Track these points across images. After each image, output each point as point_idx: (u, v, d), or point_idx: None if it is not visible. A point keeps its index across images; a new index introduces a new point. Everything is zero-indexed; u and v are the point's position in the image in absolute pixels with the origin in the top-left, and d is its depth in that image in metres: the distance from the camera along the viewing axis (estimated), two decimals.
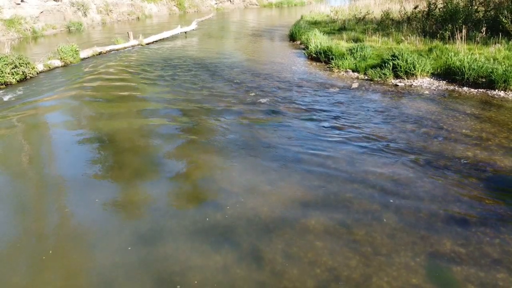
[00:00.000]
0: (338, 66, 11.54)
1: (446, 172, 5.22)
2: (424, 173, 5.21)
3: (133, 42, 16.54)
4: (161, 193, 5.06)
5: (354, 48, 11.97)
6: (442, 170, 5.28)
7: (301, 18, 24.87)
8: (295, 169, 5.43)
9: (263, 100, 8.67)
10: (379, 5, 25.50)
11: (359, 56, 11.72)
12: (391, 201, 4.59)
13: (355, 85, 9.78)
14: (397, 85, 9.74)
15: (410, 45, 13.12)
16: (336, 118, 7.45)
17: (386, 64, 10.41)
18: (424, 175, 5.15)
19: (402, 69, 10.14)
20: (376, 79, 10.29)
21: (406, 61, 10.23)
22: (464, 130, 6.62)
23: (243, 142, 6.49)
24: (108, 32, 22.84)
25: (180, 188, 5.18)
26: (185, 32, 20.60)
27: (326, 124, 7.17)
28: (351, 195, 4.74)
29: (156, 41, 17.96)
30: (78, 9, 26.48)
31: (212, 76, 11.29)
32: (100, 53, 14.65)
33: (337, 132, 6.76)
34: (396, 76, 10.26)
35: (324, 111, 7.88)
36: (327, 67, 11.99)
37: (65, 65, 12.83)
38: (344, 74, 11.15)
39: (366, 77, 10.62)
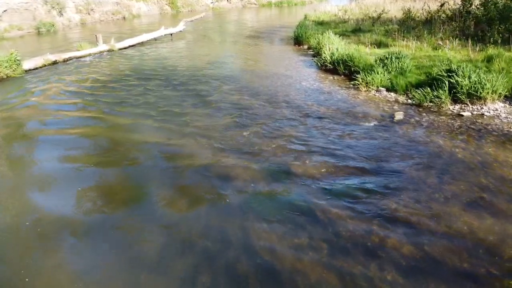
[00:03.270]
0: (366, 83, 8.37)
1: None
2: None
3: (102, 47, 13.35)
4: None
5: (386, 57, 8.79)
6: None
7: (305, 18, 21.78)
8: None
9: (263, 146, 5.50)
10: (390, 3, 22.59)
11: (394, 69, 8.55)
12: None
13: (399, 115, 6.61)
14: (461, 115, 6.57)
15: (454, 52, 9.97)
16: (388, 190, 4.27)
17: (439, 82, 7.25)
18: None
19: (464, 90, 6.99)
20: (425, 104, 7.13)
21: (469, 78, 7.09)
22: None
23: (226, 261, 3.32)
24: (86, 34, 19.57)
25: None
26: (171, 34, 17.43)
27: (374, 205, 3.99)
28: None
29: (132, 46, 14.76)
30: (53, 7, 23.27)
31: (196, 99, 8.08)
32: (54, 63, 11.45)
33: (404, 229, 3.58)
34: (454, 100, 7.12)
35: (362, 171, 4.71)
36: (350, 83, 8.81)
37: None
38: (376, 95, 7.99)
39: (410, 101, 7.46)
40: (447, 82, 7.13)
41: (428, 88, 7.30)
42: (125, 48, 14.21)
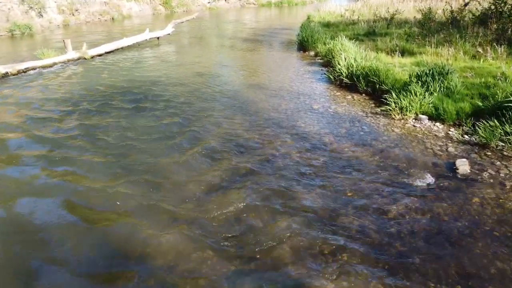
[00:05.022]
0: (400, 108, 6.23)
1: None
2: None
3: (70, 54, 11.19)
4: None
5: (427, 73, 6.62)
6: None
7: (308, 18, 19.69)
8: None
9: (265, 237, 3.34)
10: (400, 2, 20.59)
11: (438, 89, 6.41)
12: None
13: (463, 166, 4.45)
14: None
15: (503, 63, 7.84)
16: None
17: (510, 112, 5.13)
18: None
19: None
20: (493, 145, 5.00)
21: None
22: None
23: None
24: (68, 37, 17.35)
25: None
26: (158, 38, 15.29)
27: None
28: None
29: (109, 52, 12.60)
30: (31, 7, 21.10)
31: (171, 135, 5.86)
32: (5, 75, 9.29)
33: None
34: None
35: None
36: (378, 108, 6.67)
37: None
38: (417, 125, 5.85)
39: (468, 137, 5.32)
40: None
41: (496, 121, 5.17)
42: (99, 55, 12.05)
